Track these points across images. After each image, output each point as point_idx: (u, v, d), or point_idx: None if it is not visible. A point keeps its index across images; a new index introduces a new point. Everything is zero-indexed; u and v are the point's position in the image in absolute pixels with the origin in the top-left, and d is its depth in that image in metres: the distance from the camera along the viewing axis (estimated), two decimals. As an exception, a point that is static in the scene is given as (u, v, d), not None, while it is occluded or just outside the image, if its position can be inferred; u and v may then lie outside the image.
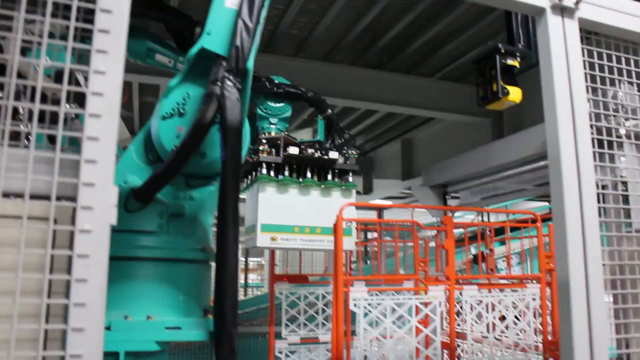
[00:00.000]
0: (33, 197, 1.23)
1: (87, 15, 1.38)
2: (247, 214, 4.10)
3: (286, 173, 3.85)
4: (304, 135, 4.36)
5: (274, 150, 3.81)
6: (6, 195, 1.23)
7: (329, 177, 3.97)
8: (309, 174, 3.92)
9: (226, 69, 2.39)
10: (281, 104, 3.83)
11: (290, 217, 3.86)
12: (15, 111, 1.30)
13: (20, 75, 1.34)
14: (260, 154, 3.75)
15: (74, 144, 1.33)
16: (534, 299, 5.21)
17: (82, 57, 1.40)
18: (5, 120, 1.25)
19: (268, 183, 3.79)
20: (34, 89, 1.26)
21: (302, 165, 3.92)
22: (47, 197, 1.23)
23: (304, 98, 3.92)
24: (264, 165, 3.78)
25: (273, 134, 3.82)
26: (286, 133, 3.88)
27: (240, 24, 2.42)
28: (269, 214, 3.80)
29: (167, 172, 2.44)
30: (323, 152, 3.92)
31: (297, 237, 3.88)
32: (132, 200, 2.54)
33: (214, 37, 2.48)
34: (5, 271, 1.21)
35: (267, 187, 3.80)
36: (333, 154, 3.90)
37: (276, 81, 3.78)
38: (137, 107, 9.73)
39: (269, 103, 3.80)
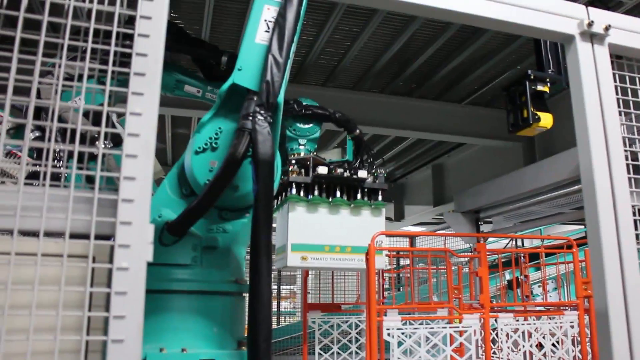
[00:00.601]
0: (73, 236, 1.26)
1: (124, 58, 1.44)
2: (277, 234, 4.13)
3: (315, 193, 3.90)
4: (333, 155, 4.39)
5: (303, 170, 3.87)
6: (47, 234, 1.26)
7: (359, 196, 3.99)
8: (338, 194, 3.96)
9: (257, 103, 2.43)
10: (309, 125, 3.88)
11: (321, 236, 3.89)
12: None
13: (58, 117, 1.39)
14: (289, 175, 3.80)
15: (110, 182, 1.37)
16: (572, 327, 5.10)
17: (117, 96, 1.45)
18: (47, 162, 1.30)
19: (298, 203, 3.84)
20: (73, 131, 1.31)
21: (332, 185, 3.96)
22: (86, 236, 1.27)
23: (332, 119, 3.96)
24: (294, 185, 3.83)
25: (302, 154, 3.86)
26: (315, 153, 3.92)
27: (271, 59, 2.47)
28: (299, 233, 3.84)
29: (200, 206, 2.48)
30: (352, 171, 3.95)
31: (328, 256, 3.89)
32: (166, 234, 2.58)
33: (245, 73, 2.53)
34: (47, 308, 1.24)
35: (297, 206, 3.85)
36: (362, 173, 3.93)
37: (304, 103, 3.83)
38: (169, 139, 9.90)
39: (298, 124, 3.84)
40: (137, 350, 1.27)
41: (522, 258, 6.87)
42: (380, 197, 4.09)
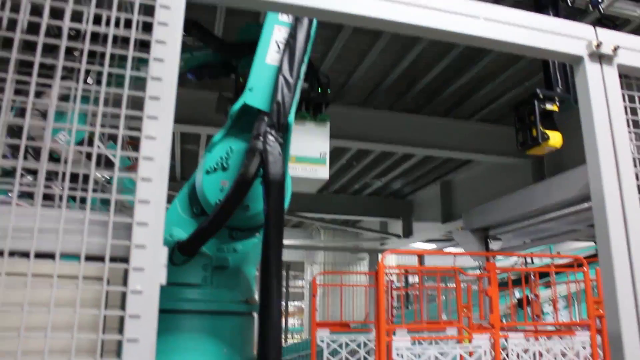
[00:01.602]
0: (88, 258, 1.28)
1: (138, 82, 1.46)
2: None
3: None
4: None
5: None
6: (63, 256, 1.28)
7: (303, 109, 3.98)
8: None
9: (268, 124, 2.45)
10: None
11: None
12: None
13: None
14: None
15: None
16: (584, 347, 5.05)
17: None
18: (63, 184, 1.31)
19: None
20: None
21: None
22: (101, 259, 1.28)
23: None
24: None
25: None
26: None
27: (281, 80, 2.49)
28: None
29: (211, 226, 2.49)
30: None
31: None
32: (177, 254, 2.59)
33: (255, 93, 2.56)
34: (61, 330, 1.25)
35: None
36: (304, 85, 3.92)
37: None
38: (178, 155, 9.96)
39: None
40: (150, 372, 1.27)
41: (532, 276, 6.83)
42: (324, 110, 4.11)
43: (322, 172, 4.06)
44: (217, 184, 2.64)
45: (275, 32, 2.76)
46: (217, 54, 3.48)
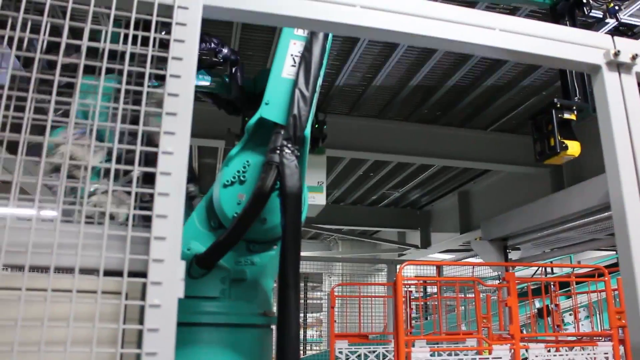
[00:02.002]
0: (106, 273, 1.29)
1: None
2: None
3: None
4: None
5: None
6: (82, 271, 1.29)
7: None
8: None
9: (284, 137, 2.46)
10: None
11: None
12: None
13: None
14: None
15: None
16: (606, 358, 4.97)
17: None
18: (83, 200, 1.33)
19: None
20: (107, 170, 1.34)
21: None
22: (119, 273, 1.29)
23: None
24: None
25: None
26: None
27: (297, 93, 2.50)
28: None
29: (229, 239, 2.50)
30: None
31: None
32: (195, 267, 2.59)
33: (272, 107, 2.57)
34: (81, 345, 1.26)
35: None
36: None
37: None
38: (196, 169, 10.02)
39: None
40: (169, 386, 1.28)
41: (552, 286, 6.75)
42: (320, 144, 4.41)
43: (320, 199, 4.46)
44: (234, 197, 2.65)
45: (290, 46, 2.77)
46: (230, 92, 3.50)
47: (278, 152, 2.43)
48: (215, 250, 2.56)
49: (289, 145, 2.45)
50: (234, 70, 3.45)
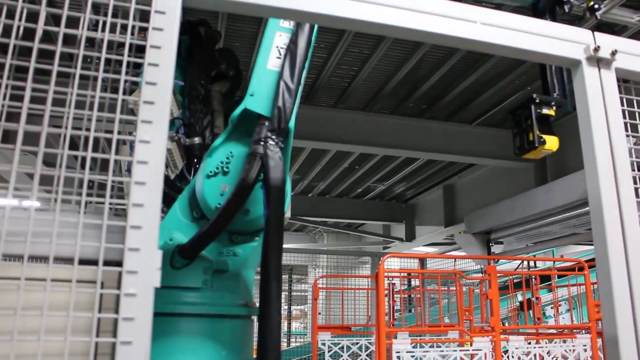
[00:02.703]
0: (82, 262, 1.28)
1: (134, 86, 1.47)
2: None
3: None
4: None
5: None
6: (57, 260, 1.28)
7: None
8: None
9: (269, 129, 2.46)
10: None
11: None
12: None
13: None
14: None
15: None
16: (585, 350, 5.04)
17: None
18: (58, 188, 1.32)
19: None
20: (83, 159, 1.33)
21: None
22: (94, 262, 1.29)
23: None
24: None
25: None
26: None
27: (282, 85, 2.50)
28: None
29: (212, 230, 2.50)
30: None
31: None
32: (177, 257, 2.59)
33: (256, 98, 2.56)
34: (55, 334, 1.25)
35: None
36: None
37: None
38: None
39: None
40: (144, 375, 1.28)
41: (533, 280, 6.82)
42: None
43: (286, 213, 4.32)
44: (217, 188, 2.64)
45: (276, 38, 2.77)
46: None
47: (262, 143, 2.42)
48: (198, 241, 2.55)
49: (273, 137, 2.45)
50: None
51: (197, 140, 3.07)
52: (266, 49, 2.73)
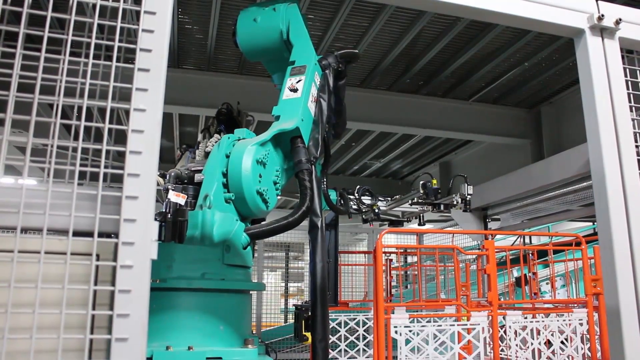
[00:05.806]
0: (76, 233, 1.25)
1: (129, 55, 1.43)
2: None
3: None
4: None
5: None
6: (51, 231, 1.25)
7: None
8: None
9: (307, 157, 2.69)
10: None
11: None
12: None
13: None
14: None
15: None
16: (580, 324, 5.06)
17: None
18: (50, 159, 1.28)
19: None
20: (77, 128, 1.29)
21: None
22: (89, 234, 1.25)
23: None
24: None
25: None
26: None
27: (315, 131, 2.86)
28: None
29: (279, 229, 2.59)
30: None
31: None
32: (246, 238, 2.61)
33: (303, 125, 2.76)
34: (51, 307, 1.22)
35: None
36: None
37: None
38: (177, 137, 9.91)
39: None
40: (142, 348, 1.25)
41: (530, 255, 6.84)
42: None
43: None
44: (257, 175, 2.64)
45: (314, 83, 3.05)
46: None
47: (312, 164, 2.66)
48: (265, 233, 2.65)
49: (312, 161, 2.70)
50: None
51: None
52: (308, 86, 2.94)
